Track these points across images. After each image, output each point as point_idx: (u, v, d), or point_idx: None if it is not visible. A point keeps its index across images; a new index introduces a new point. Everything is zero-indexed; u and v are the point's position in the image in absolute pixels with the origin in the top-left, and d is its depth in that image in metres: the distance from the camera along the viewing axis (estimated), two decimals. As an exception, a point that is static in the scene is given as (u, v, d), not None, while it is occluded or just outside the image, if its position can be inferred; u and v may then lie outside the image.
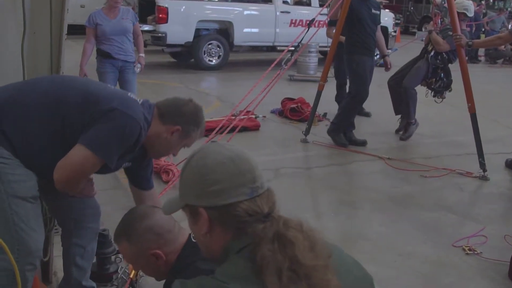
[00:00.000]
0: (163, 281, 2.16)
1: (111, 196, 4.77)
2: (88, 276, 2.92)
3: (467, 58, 6.61)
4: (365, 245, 4.07)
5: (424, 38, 7.57)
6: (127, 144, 2.40)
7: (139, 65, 6.38)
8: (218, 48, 12.67)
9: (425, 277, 3.68)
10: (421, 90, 7.10)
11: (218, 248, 1.45)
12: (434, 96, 7.12)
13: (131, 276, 3.17)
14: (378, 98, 8.21)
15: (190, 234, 2.19)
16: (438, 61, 6.88)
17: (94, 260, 3.29)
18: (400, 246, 4.10)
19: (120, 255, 3.36)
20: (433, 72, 6.93)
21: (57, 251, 3.06)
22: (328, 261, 1.36)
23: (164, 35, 11.84)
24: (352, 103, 6.73)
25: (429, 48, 6.95)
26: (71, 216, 2.77)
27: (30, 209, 2.43)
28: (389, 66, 7.13)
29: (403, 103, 7.09)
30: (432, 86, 7.01)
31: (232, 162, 1.41)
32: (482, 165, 5.74)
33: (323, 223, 4.44)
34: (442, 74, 6.94)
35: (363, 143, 6.78)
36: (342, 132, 6.79)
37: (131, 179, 2.84)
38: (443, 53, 6.85)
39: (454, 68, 6.85)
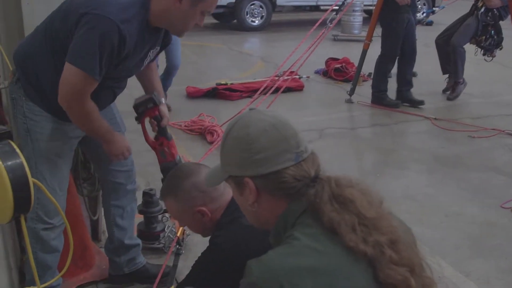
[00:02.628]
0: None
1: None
2: (131, 235, 2.96)
3: (519, 14, 6.38)
4: (412, 205, 4.02)
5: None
6: (109, 48, 2.17)
7: None
8: (260, 9, 12.54)
9: (473, 238, 3.63)
10: (470, 49, 6.89)
11: (270, 216, 1.45)
12: (483, 54, 6.89)
13: (178, 234, 3.22)
14: (425, 57, 8.01)
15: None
16: (488, 17, 6.64)
17: (142, 219, 3.37)
18: (447, 206, 4.05)
19: (167, 214, 3.42)
20: (483, 29, 6.70)
21: (105, 210, 3.12)
22: (384, 208, 1.40)
23: (206, -4, 11.77)
24: (383, 62, 6.58)
25: (479, 4, 6.71)
26: (108, 178, 2.80)
27: (55, 168, 2.46)
28: None
29: (451, 62, 6.90)
30: (482, 44, 6.78)
31: (275, 129, 1.39)
32: (533, 126, 5.58)
33: (368, 183, 4.41)
34: (492, 32, 6.70)
35: (420, 103, 6.61)
36: (386, 93, 6.66)
37: None
38: (494, 10, 6.60)
39: (505, 26, 6.61)
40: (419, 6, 12.90)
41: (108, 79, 2.33)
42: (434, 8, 13.10)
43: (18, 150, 1.63)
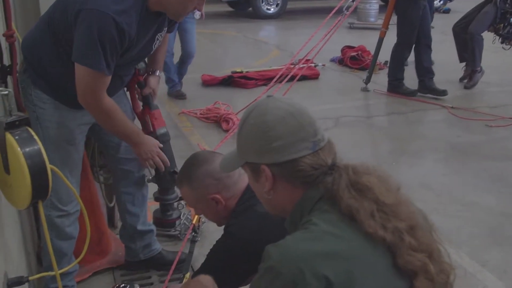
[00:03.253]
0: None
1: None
2: (144, 221, 2.97)
3: (539, 1, 6.30)
4: (428, 195, 4.00)
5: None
6: (109, 41, 2.15)
7: (198, 12, 6.30)
8: (276, -4, 12.50)
9: (489, 228, 3.60)
10: (488, 37, 6.81)
11: (286, 203, 1.45)
12: (502, 42, 6.82)
13: (194, 222, 3.23)
14: (442, 45, 7.95)
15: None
16: (507, 5, 6.55)
17: (158, 206, 3.38)
18: (464, 196, 4.02)
19: (182, 202, 3.43)
20: (502, 17, 6.60)
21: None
22: (402, 194, 1.40)
23: (222, -17, 11.76)
24: (399, 50, 6.51)
25: (498, -9, 6.63)
26: (117, 165, 2.81)
27: (66, 156, 2.46)
28: None
29: (468, 50, 6.82)
30: (500, 32, 6.70)
31: (292, 117, 1.39)
32: (552, 114, 5.50)
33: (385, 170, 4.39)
34: (511, 19, 6.62)
35: (443, 93, 6.49)
36: (402, 81, 6.61)
37: None
38: (513, -3, 6.52)
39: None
40: (437, -7, 12.76)
41: (115, 67, 2.32)
42: (451, -5, 12.96)
43: (36, 137, 1.65)
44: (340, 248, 1.26)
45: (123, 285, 2.42)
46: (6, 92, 1.69)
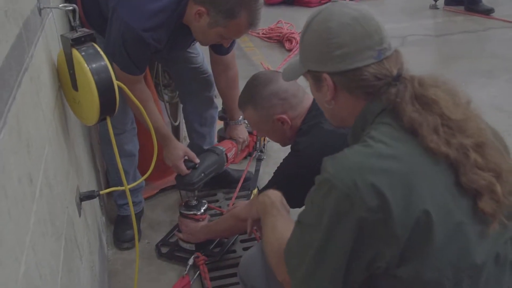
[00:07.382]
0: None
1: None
2: (211, 141, 2.98)
3: None
4: (499, 116, 3.84)
5: None
6: (135, 51, 2.17)
7: None
8: None
9: None
10: None
11: (346, 114, 1.41)
12: None
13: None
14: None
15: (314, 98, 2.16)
16: None
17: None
18: (538, 118, 3.85)
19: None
20: None
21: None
22: (472, 109, 1.32)
23: None
24: None
25: None
26: (185, 86, 2.80)
27: None
28: None
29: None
30: None
31: (357, 23, 1.32)
32: None
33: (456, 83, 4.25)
34: None
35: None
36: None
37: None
38: None
39: None
40: None
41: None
42: None
43: (102, 53, 1.63)
44: (399, 162, 1.20)
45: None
46: (71, 8, 1.66)
